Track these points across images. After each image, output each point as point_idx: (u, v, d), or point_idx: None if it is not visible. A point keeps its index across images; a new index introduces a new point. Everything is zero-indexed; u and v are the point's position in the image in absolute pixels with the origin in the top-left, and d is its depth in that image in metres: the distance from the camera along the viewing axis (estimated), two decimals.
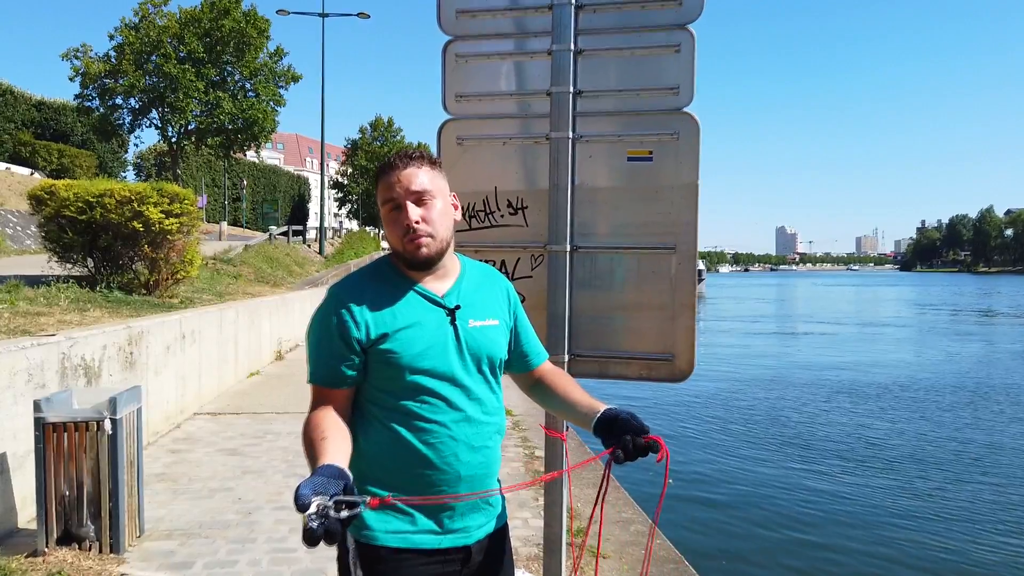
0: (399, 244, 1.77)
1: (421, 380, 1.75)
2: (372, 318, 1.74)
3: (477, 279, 1.94)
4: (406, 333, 1.75)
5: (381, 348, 1.73)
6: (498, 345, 1.89)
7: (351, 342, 1.73)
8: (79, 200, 9.40)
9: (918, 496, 8.53)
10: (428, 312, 1.80)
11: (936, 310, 44.42)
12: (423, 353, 1.76)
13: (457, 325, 1.81)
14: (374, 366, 1.76)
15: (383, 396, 1.78)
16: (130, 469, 4.35)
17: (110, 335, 5.99)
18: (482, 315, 1.88)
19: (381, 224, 1.99)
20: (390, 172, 1.77)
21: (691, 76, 2.88)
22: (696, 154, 2.89)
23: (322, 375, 1.77)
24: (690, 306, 2.93)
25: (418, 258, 1.77)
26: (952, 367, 19.41)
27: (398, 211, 1.75)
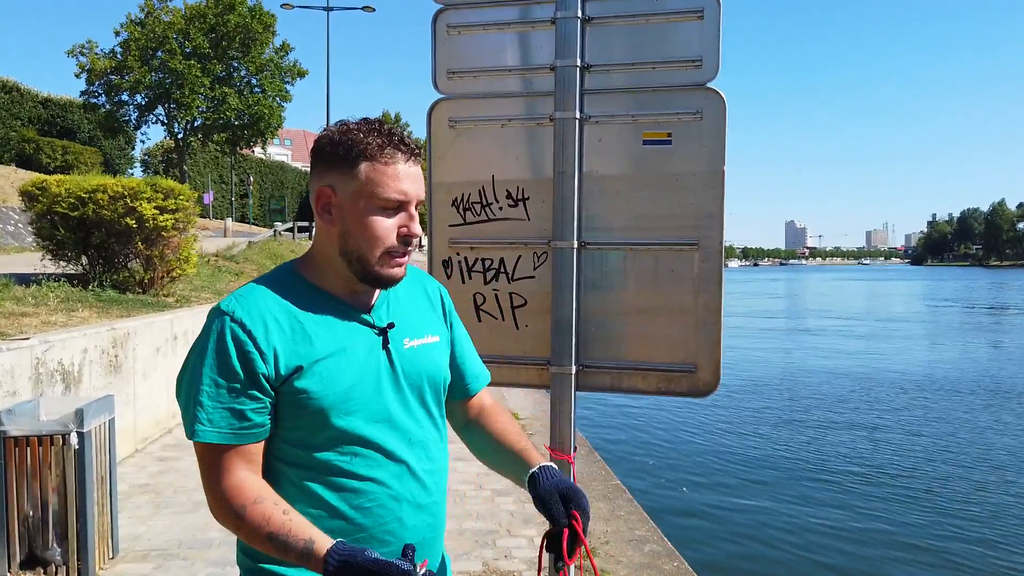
0: (375, 252, 1.37)
1: (348, 426, 1.36)
2: (282, 346, 1.32)
3: (405, 285, 1.53)
4: (326, 365, 1.35)
5: (296, 386, 1.32)
6: (440, 368, 1.53)
7: (258, 379, 1.31)
8: (71, 196, 9.11)
9: (945, 511, 8.12)
10: (353, 335, 1.40)
11: (951, 305, 43.74)
12: (351, 390, 1.36)
13: (390, 348, 1.43)
14: (285, 411, 1.35)
15: (297, 451, 1.37)
16: (101, 486, 4.02)
17: (92, 337, 5.67)
18: (418, 331, 1.50)
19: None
20: (407, 160, 1.37)
21: (716, 47, 2.51)
22: (722, 136, 2.52)
23: (223, 428, 1.30)
24: (715, 310, 2.56)
25: (393, 279, 1.41)
26: (971, 366, 18.92)
27: (396, 214, 1.37)
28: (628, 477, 7.04)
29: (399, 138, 1.38)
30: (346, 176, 1.36)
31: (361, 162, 1.35)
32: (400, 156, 1.36)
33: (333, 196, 1.37)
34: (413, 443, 1.43)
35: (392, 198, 1.36)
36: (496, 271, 2.73)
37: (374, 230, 1.36)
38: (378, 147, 1.35)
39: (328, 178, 1.37)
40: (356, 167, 1.35)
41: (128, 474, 5.69)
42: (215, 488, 1.31)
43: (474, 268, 2.75)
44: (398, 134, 1.38)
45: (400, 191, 1.36)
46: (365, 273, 1.39)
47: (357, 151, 1.35)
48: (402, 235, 1.38)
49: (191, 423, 1.30)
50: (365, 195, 1.35)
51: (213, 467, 1.31)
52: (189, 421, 1.31)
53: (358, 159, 1.35)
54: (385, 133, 1.37)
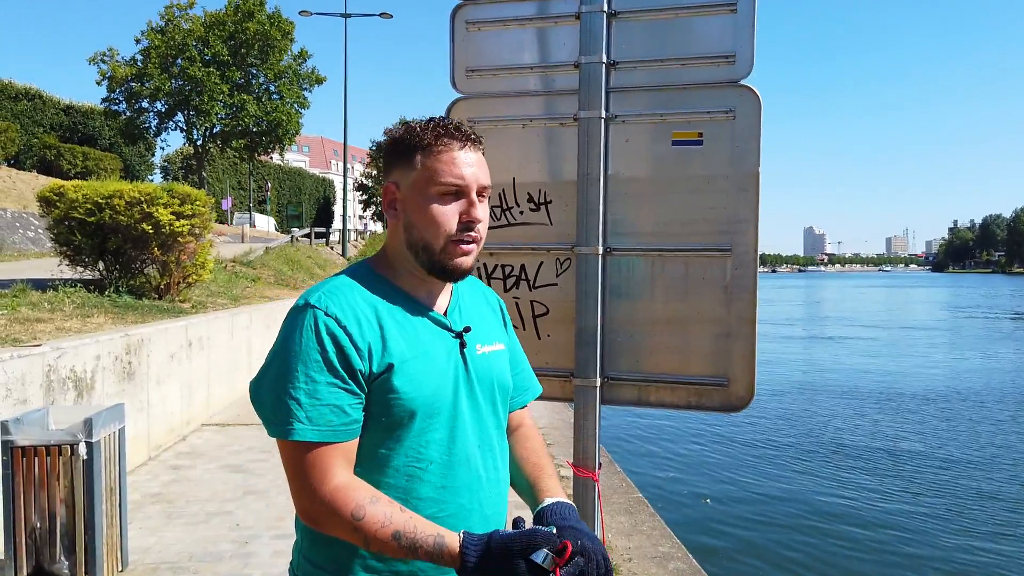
0: (440, 241, 1.33)
1: (429, 430, 1.32)
2: (375, 343, 1.28)
3: (469, 293, 1.52)
4: (414, 366, 1.31)
5: (387, 385, 1.28)
6: (507, 376, 1.50)
7: (354, 373, 1.26)
8: (88, 201, 9.08)
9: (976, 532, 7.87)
10: (434, 337, 1.37)
11: (979, 313, 42.97)
12: (435, 393, 1.33)
13: (466, 354, 1.40)
14: (371, 410, 1.30)
15: (373, 455, 1.31)
16: (110, 497, 3.92)
17: (105, 344, 5.60)
18: (488, 338, 1.48)
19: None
20: (462, 147, 1.35)
21: (750, 41, 2.38)
22: (757, 136, 2.38)
23: (322, 426, 1.24)
24: (749, 320, 2.43)
25: (460, 267, 1.36)
26: (1001, 375, 18.50)
27: (457, 200, 1.34)
28: (649, 489, 6.88)
29: (456, 126, 1.37)
30: (406, 169, 1.36)
31: (418, 152, 1.35)
32: (454, 143, 1.35)
33: (396, 191, 1.38)
34: (484, 451, 1.40)
35: (449, 182, 1.33)
36: (517, 278, 2.61)
37: (435, 217, 1.33)
38: (434, 137, 1.35)
39: (392, 175, 1.39)
40: (413, 158, 1.35)
41: (140, 483, 5.61)
42: (318, 491, 1.24)
43: (494, 275, 2.63)
44: (452, 123, 1.38)
45: (456, 175, 1.33)
46: (432, 263, 1.36)
47: (414, 143, 1.35)
48: (463, 221, 1.34)
49: (284, 422, 1.24)
50: (423, 184, 1.34)
51: (313, 468, 1.24)
52: (281, 420, 1.24)
53: (414, 150, 1.35)
54: (439, 123, 1.37)
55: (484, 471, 1.39)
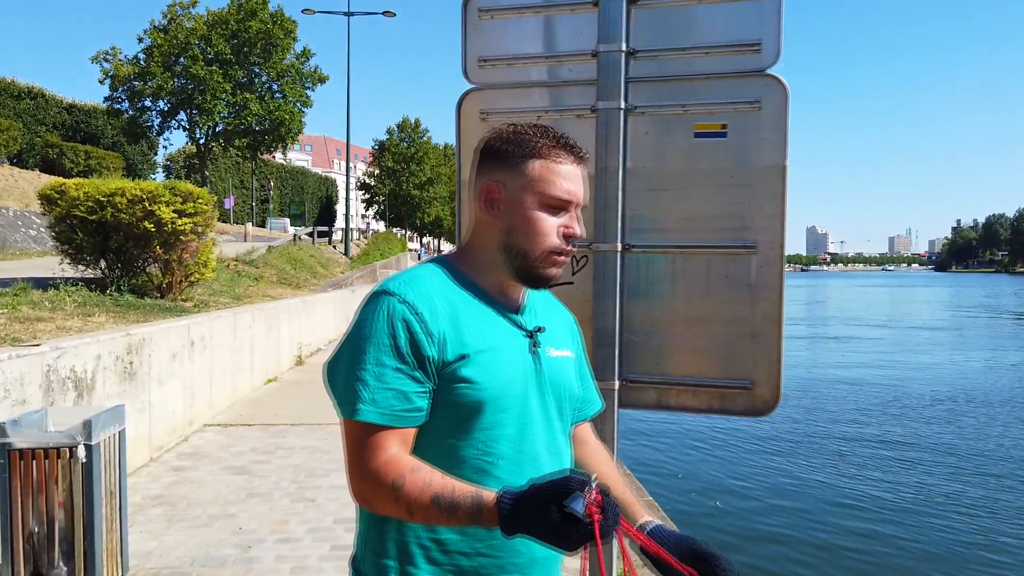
0: (537, 250, 1.35)
1: (500, 424, 1.32)
2: (449, 332, 1.30)
3: (539, 300, 1.50)
4: (487, 358, 1.31)
5: (459, 374, 1.28)
6: (575, 384, 1.49)
7: (424, 361, 1.27)
8: (89, 200, 9.00)
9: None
10: (507, 333, 1.37)
11: (991, 313, 42.73)
12: (506, 387, 1.33)
13: (539, 353, 1.40)
14: (440, 401, 1.30)
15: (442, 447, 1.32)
16: (110, 500, 3.82)
17: (106, 344, 5.51)
18: (559, 343, 1.47)
19: (411, 224, 1.44)
20: (576, 163, 1.37)
21: (777, 28, 2.27)
22: (784, 128, 2.28)
23: (384, 409, 1.25)
24: (775, 320, 2.32)
25: (549, 278, 1.38)
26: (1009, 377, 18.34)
27: (560, 213, 1.35)
28: (656, 490, 6.78)
29: (570, 141, 1.38)
30: (515, 172, 1.35)
31: (532, 159, 1.34)
32: (570, 157, 1.36)
33: (501, 192, 1.36)
34: (551, 452, 1.39)
35: (559, 196, 1.34)
36: None
37: (539, 226, 1.34)
38: (550, 147, 1.35)
39: (497, 174, 1.37)
40: (526, 164, 1.35)
41: (141, 484, 5.52)
42: (366, 467, 1.26)
43: None
44: (567, 138, 1.38)
45: (567, 190, 1.34)
46: (525, 269, 1.37)
47: (529, 149, 1.35)
48: (565, 234, 1.35)
49: (352, 402, 1.26)
50: (533, 191, 1.34)
51: (367, 447, 1.27)
52: (349, 400, 1.27)
53: (529, 156, 1.35)
54: (556, 135, 1.37)
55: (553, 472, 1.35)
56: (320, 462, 6.18)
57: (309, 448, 6.64)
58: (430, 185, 60.76)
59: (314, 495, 5.30)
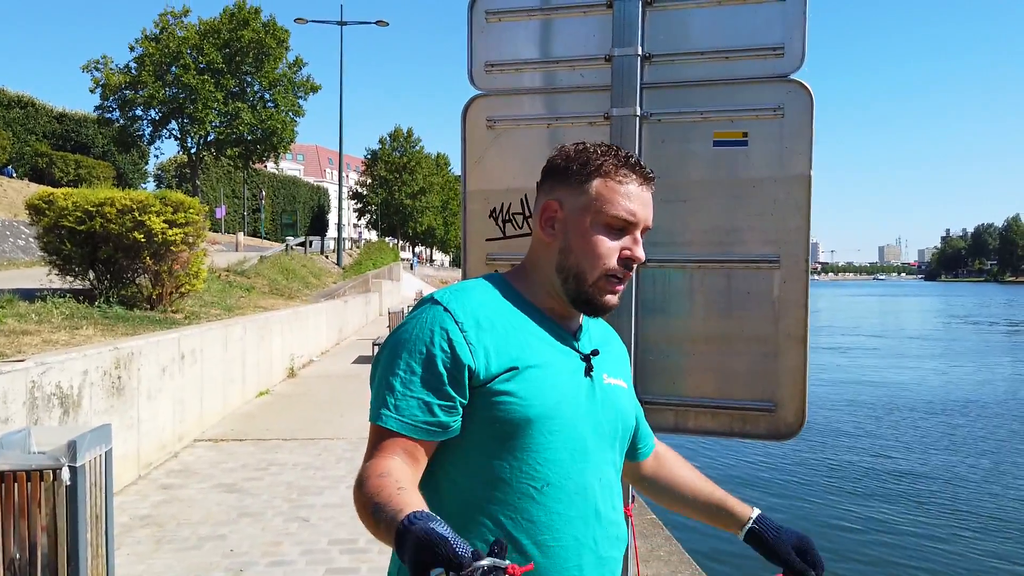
0: (595, 273, 1.27)
1: (548, 446, 1.23)
2: (494, 344, 1.23)
3: (595, 328, 1.43)
4: (537, 374, 1.24)
5: (505, 387, 1.21)
6: (630, 414, 1.41)
7: (459, 373, 1.20)
8: (78, 209, 8.85)
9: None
10: (560, 353, 1.30)
11: (987, 324, 42.72)
12: (557, 407, 1.24)
13: (593, 377, 1.32)
14: (484, 416, 1.22)
15: (485, 467, 1.22)
16: (95, 524, 3.66)
17: (93, 358, 5.34)
18: (615, 371, 1.39)
19: (403, 233, 1.32)
20: (641, 183, 1.29)
21: (802, 32, 2.16)
22: (808, 136, 2.17)
23: (406, 418, 1.19)
24: (799, 338, 2.20)
25: (606, 305, 1.30)
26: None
27: (621, 236, 1.28)
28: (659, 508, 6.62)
29: (636, 160, 1.31)
30: (576, 191, 1.28)
31: (595, 178, 1.28)
32: (634, 177, 1.28)
33: (559, 210, 1.30)
34: (603, 484, 1.30)
35: (620, 216, 1.26)
36: None
37: (597, 247, 1.27)
38: (614, 165, 1.28)
39: (557, 192, 1.31)
40: (589, 182, 1.28)
41: (129, 504, 5.35)
42: (362, 466, 1.19)
43: None
44: (635, 157, 1.32)
45: (629, 211, 1.27)
46: (579, 293, 1.29)
47: (592, 167, 1.28)
48: (624, 257, 1.27)
49: (378, 407, 1.22)
50: (593, 211, 1.27)
51: (373, 449, 1.20)
52: (376, 405, 1.22)
53: (592, 175, 1.28)
54: (622, 155, 1.31)
55: (602, 507, 1.29)
56: (314, 479, 6.02)
57: (302, 464, 6.48)
58: (422, 195, 60.61)
59: (308, 514, 5.14)
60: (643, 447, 1.53)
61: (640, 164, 1.31)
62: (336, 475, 6.13)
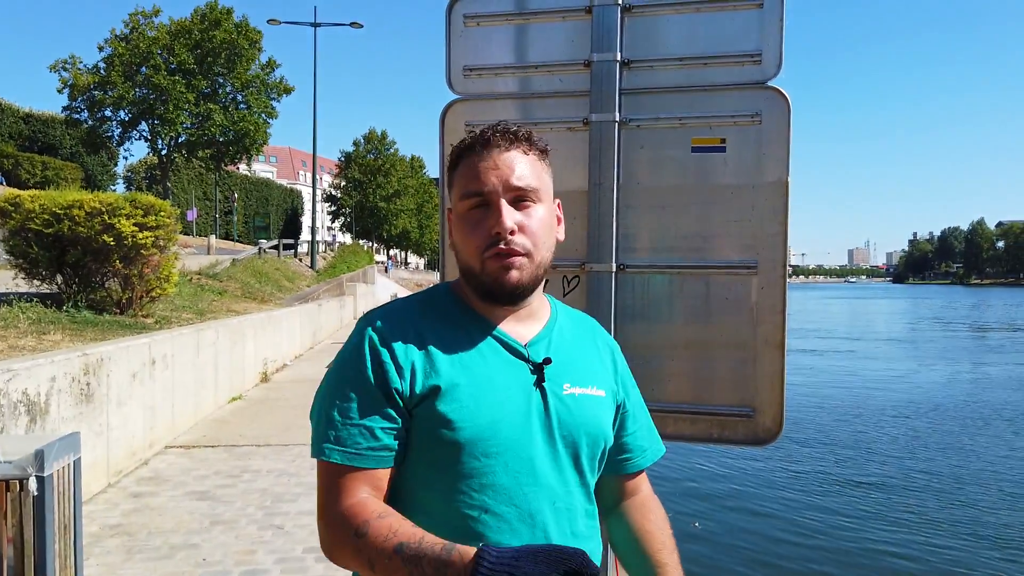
0: (476, 260, 1.20)
1: (484, 471, 1.14)
2: (421, 362, 1.17)
3: (572, 329, 1.34)
4: (469, 392, 1.16)
5: (431, 410, 1.14)
6: (602, 426, 1.28)
7: (392, 395, 1.15)
8: (45, 212, 8.69)
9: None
10: (504, 365, 1.21)
11: (952, 325, 43.41)
12: (494, 427, 1.15)
13: (545, 388, 1.21)
14: (415, 441, 1.17)
15: (421, 494, 1.17)
16: (63, 535, 3.58)
17: (61, 364, 5.23)
18: (582, 379, 1.27)
19: (378, 236, 1.30)
20: (482, 152, 1.21)
21: (778, 39, 2.17)
22: (786, 142, 2.18)
23: (348, 447, 1.13)
24: (777, 344, 2.21)
25: (505, 284, 1.19)
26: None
27: (484, 211, 1.20)
28: None
29: (481, 131, 1.23)
30: (451, 187, 1.26)
31: (459, 162, 1.24)
32: (474, 150, 1.21)
33: (450, 213, 1.27)
34: (558, 508, 1.19)
35: (470, 191, 1.20)
36: None
37: (463, 234, 1.21)
38: (472, 143, 1.23)
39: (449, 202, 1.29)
40: (455, 169, 1.25)
41: (98, 513, 5.24)
42: (331, 511, 1.13)
43: None
44: (484, 128, 1.23)
45: (475, 185, 1.20)
46: (478, 286, 1.22)
47: (451, 160, 1.26)
48: (490, 234, 1.18)
49: (318, 441, 1.16)
50: (455, 200, 1.23)
51: (332, 489, 1.14)
52: (317, 439, 1.17)
53: (455, 159, 1.25)
54: (490, 128, 1.23)
55: (556, 534, 1.18)
56: (288, 486, 5.95)
57: (276, 471, 6.40)
58: (397, 197, 60.42)
59: (282, 522, 5.07)
60: (634, 457, 1.38)
61: (487, 130, 1.22)
62: (311, 481, 6.06)
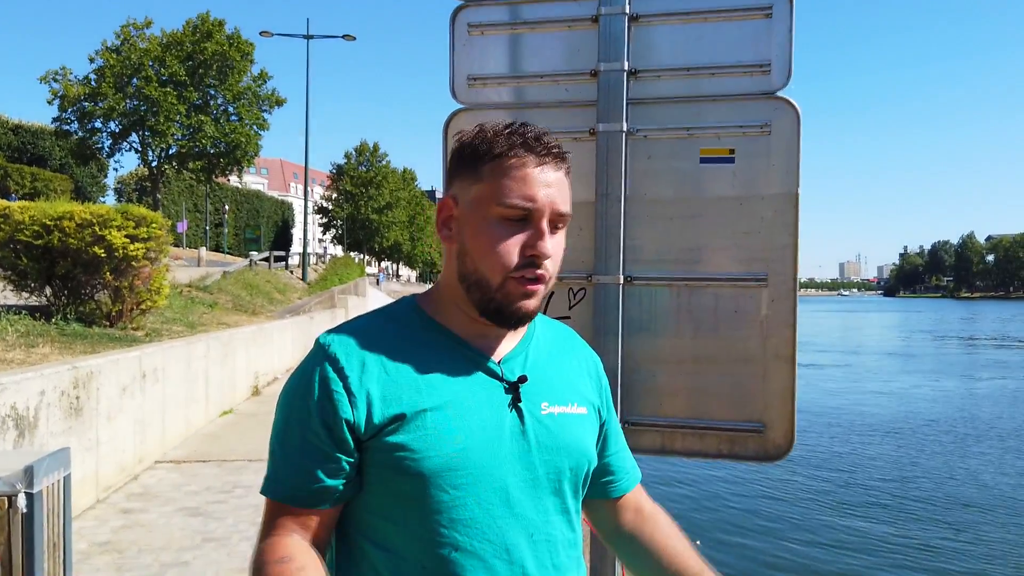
0: (497, 275, 1.07)
1: (453, 503, 1.04)
2: (380, 389, 1.06)
3: (551, 342, 1.23)
4: (435, 419, 1.05)
5: (392, 441, 1.04)
6: (585, 446, 1.18)
7: (339, 429, 1.04)
8: (35, 223, 8.59)
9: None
10: (475, 386, 1.10)
11: (950, 339, 43.51)
12: (463, 456, 1.05)
13: (522, 409, 1.11)
14: (376, 473, 1.07)
15: (386, 528, 1.07)
16: (53, 553, 3.49)
17: (50, 378, 5.15)
18: (562, 397, 1.17)
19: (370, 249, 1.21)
20: (540, 163, 1.08)
21: (787, 49, 2.15)
22: (795, 153, 2.15)
23: (286, 486, 1.07)
24: (787, 358, 2.17)
25: (519, 311, 1.09)
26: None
27: (522, 225, 1.07)
28: None
29: (535, 135, 1.09)
30: (468, 181, 1.10)
31: (486, 163, 1.08)
32: (530, 156, 1.07)
33: (454, 207, 1.12)
34: (536, 540, 1.09)
35: (515, 204, 1.06)
36: None
37: (492, 245, 1.07)
38: (507, 146, 1.07)
39: (452, 187, 1.14)
40: (479, 169, 1.09)
41: (87, 529, 5.14)
42: (257, 544, 1.07)
43: None
44: (534, 132, 1.09)
45: (526, 196, 1.06)
46: (486, 302, 1.09)
47: (482, 151, 1.09)
48: (527, 255, 1.06)
49: (266, 475, 1.10)
50: (485, 202, 1.07)
51: (266, 523, 1.09)
52: (266, 472, 1.11)
53: (482, 159, 1.08)
54: (516, 130, 1.09)
55: (534, 568, 1.08)
56: None
57: None
58: (388, 209, 60.33)
59: None
60: (618, 482, 1.30)
61: (540, 139, 1.09)
62: None
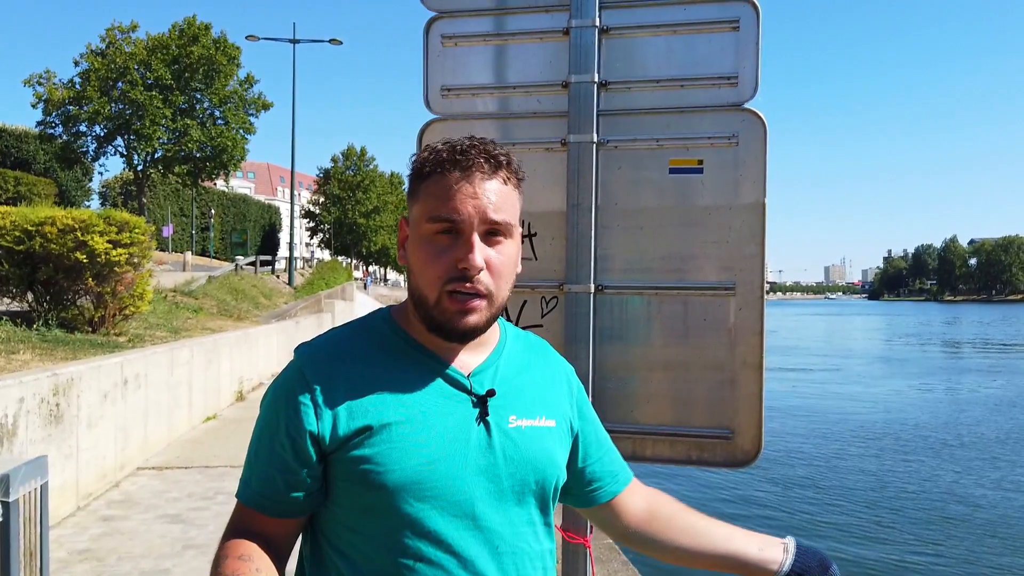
0: (432, 290, 1.09)
1: (418, 517, 1.07)
2: (347, 401, 1.08)
3: (522, 354, 1.25)
4: (401, 432, 1.08)
5: (358, 454, 1.06)
6: (553, 459, 1.19)
7: (303, 441, 1.07)
8: (17, 229, 8.54)
9: None
10: (442, 399, 1.12)
11: (934, 342, 43.89)
12: (429, 469, 1.07)
13: (489, 423, 1.13)
14: (343, 486, 1.09)
15: (353, 539, 1.10)
16: (30, 562, 3.49)
17: (29, 385, 5.12)
18: (530, 410, 1.18)
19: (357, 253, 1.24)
20: (462, 174, 1.08)
21: (755, 61, 2.19)
22: (762, 164, 2.19)
23: (254, 492, 1.12)
24: (755, 366, 2.21)
25: (458, 328, 1.10)
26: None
27: (452, 238, 1.08)
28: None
29: (463, 147, 1.09)
30: (411, 202, 1.14)
31: (420, 182, 1.11)
32: (454, 169, 1.08)
33: (407, 228, 1.16)
34: (502, 553, 1.11)
35: (440, 215, 1.07)
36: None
37: (424, 260, 1.09)
38: (434, 163, 1.10)
39: (408, 207, 1.17)
40: (417, 189, 1.12)
41: (66, 537, 5.12)
42: (220, 541, 1.12)
43: None
44: (466, 143, 1.10)
45: (449, 208, 1.07)
46: (428, 319, 1.11)
47: (417, 171, 1.12)
48: (455, 268, 1.07)
49: (241, 477, 1.15)
50: (419, 220, 1.10)
51: (233, 522, 1.13)
52: (241, 475, 1.16)
53: (418, 179, 1.12)
54: (448, 147, 1.10)
55: None
56: None
57: None
58: (376, 214, 60.23)
59: None
60: (605, 487, 1.31)
61: (470, 149, 1.09)
62: None
